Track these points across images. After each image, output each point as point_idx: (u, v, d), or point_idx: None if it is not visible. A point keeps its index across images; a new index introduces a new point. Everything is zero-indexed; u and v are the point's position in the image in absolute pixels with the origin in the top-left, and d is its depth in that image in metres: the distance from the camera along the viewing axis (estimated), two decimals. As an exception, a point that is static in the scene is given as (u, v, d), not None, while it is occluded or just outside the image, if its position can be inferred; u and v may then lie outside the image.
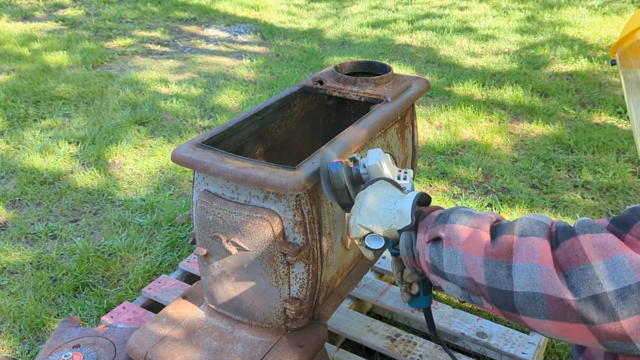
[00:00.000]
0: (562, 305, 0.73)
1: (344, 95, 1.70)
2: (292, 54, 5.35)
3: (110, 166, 3.34)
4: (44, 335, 2.14)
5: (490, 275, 0.81)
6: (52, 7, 6.86)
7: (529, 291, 0.76)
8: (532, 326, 0.79)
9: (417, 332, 2.07)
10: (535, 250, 0.77)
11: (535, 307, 0.76)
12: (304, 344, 1.40)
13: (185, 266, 2.30)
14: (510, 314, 0.81)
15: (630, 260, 0.70)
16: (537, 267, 0.75)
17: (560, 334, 0.76)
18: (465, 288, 0.87)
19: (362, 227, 1.07)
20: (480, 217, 0.89)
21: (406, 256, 1.01)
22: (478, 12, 6.51)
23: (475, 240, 0.84)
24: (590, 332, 0.72)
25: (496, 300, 0.81)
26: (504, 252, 0.80)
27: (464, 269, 0.85)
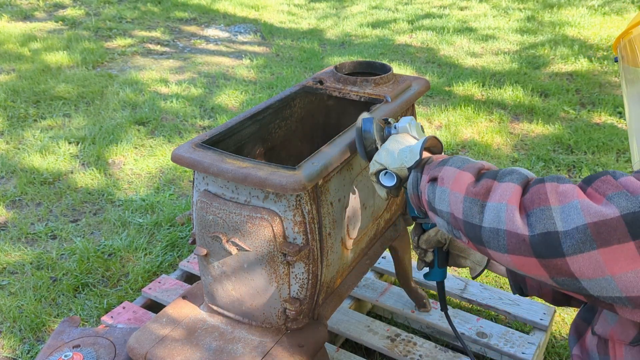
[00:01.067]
0: (519, 240, 0.81)
1: (344, 95, 1.70)
2: (292, 54, 5.35)
3: (110, 166, 3.34)
4: (44, 335, 2.14)
5: (466, 210, 0.90)
6: (52, 7, 6.86)
7: (494, 227, 0.84)
8: (496, 259, 0.87)
9: (417, 332, 2.07)
10: (507, 193, 0.85)
11: (498, 241, 0.84)
12: (304, 344, 1.40)
13: (185, 266, 2.30)
14: (480, 247, 0.89)
15: (582, 205, 0.76)
16: (505, 207, 0.84)
17: (519, 268, 0.83)
18: (449, 223, 0.96)
19: (378, 163, 1.20)
20: (473, 163, 0.97)
21: (412, 195, 1.10)
22: (478, 12, 6.51)
23: (461, 181, 0.94)
24: (541, 266, 0.79)
25: (469, 234, 0.90)
26: (482, 192, 0.89)
27: (448, 205, 0.94)
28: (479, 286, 2.16)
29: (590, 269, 0.75)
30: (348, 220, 1.47)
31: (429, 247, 1.29)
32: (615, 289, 0.75)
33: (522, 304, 2.05)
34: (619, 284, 0.74)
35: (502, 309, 2.04)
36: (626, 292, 0.74)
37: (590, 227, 0.74)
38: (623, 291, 0.75)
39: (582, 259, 0.75)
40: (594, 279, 0.75)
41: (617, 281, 0.74)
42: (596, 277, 0.75)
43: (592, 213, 0.75)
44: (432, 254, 1.31)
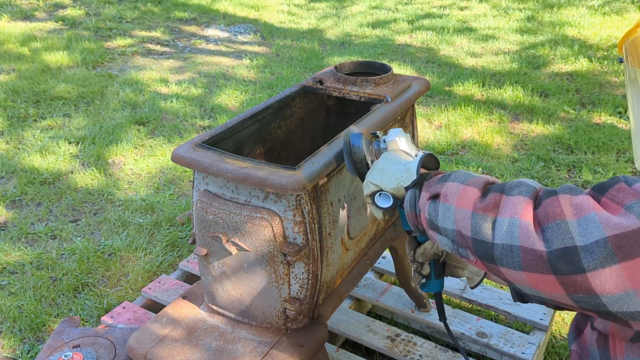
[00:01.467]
0: (535, 256, 0.77)
1: (344, 95, 1.70)
2: (292, 54, 5.35)
3: (110, 166, 3.34)
4: (44, 335, 2.14)
5: (475, 227, 0.86)
6: (52, 7, 6.86)
7: (507, 243, 0.81)
8: (509, 277, 0.83)
9: (417, 332, 2.07)
10: (519, 207, 0.82)
11: (512, 258, 0.80)
12: (304, 344, 1.40)
13: (185, 266, 2.30)
14: (490, 266, 0.85)
15: (600, 218, 0.74)
16: (517, 221, 0.80)
17: (533, 286, 0.80)
18: (455, 241, 0.92)
19: (373, 184, 1.15)
20: (477, 178, 0.94)
21: (409, 213, 1.06)
22: (478, 12, 6.51)
23: (467, 197, 0.90)
24: (558, 283, 0.76)
25: (479, 252, 0.86)
26: (490, 207, 0.86)
27: (454, 223, 0.90)
28: (479, 286, 2.16)
29: (612, 284, 0.73)
30: (348, 220, 1.47)
31: (425, 260, 1.25)
32: (637, 303, 0.72)
33: (522, 304, 2.05)
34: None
35: (502, 309, 2.04)
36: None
37: (611, 241, 0.72)
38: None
39: (604, 274, 0.72)
40: (616, 294, 0.73)
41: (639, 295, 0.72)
42: (618, 293, 0.73)
43: (611, 225, 0.73)
44: (428, 266, 1.28)
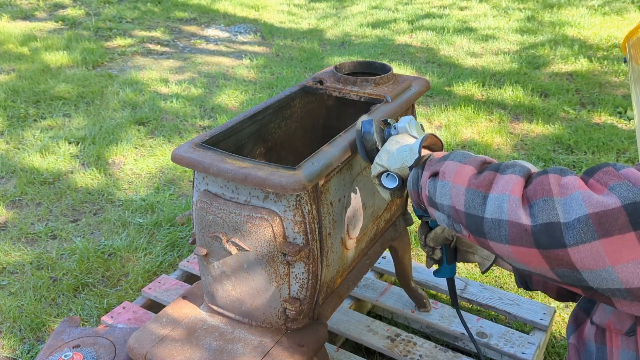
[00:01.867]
0: (520, 230, 0.80)
1: (344, 95, 1.70)
2: (292, 54, 5.35)
3: (110, 166, 3.34)
4: (44, 335, 2.14)
5: (468, 202, 0.90)
6: (52, 7, 6.86)
7: (496, 217, 0.84)
8: (497, 250, 0.86)
9: (417, 332, 2.07)
10: (510, 184, 0.85)
11: (499, 232, 0.84)
12: (304, 344, 1.40)
13: (185, 266, 2.30)
14: (480, 239, 0.89)
15: (584, 196, 0.77)
16: (507, 197, 0.84)
17: (519, 259, 0.83)
18: (450, 216, 0.95)
19: (379, 165, 1.20)
20: (475, 157, 0.98)
21: (412, 191, 1.10)
22: (478, 12, 6.51)
23: (463, 174, 0.94)
24: (542, 257, 0.79)
25: (470, 226, 0.90)
26: (484, 184, 0.89)
27: (450, 198, 0.94)
28: (479, 286, 2.16)
29: (591, 259, 0.75)
30: (348, 220, 1.47)
31: (436, 244, 1.30)
32: (616, 280, 0.75)
33: (522, 304, 2.05)
34: (619, 275, 0.74)
35: (502, 309, 2.04)
36: (626, 284, 0.74)
37: (592, 218, 0.74)
38: (623, 282, 0.74)
39: (584, 249, 0.75)
40: (595, 270, 0.75)
41: (618, 272, 0.74)
42: (597, 269, 0.75)
43: (593, 203, 0.75)
44: (440, 251, 1.32)
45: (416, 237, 2.63)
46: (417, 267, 2.26)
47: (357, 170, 1.47)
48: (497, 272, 2.40)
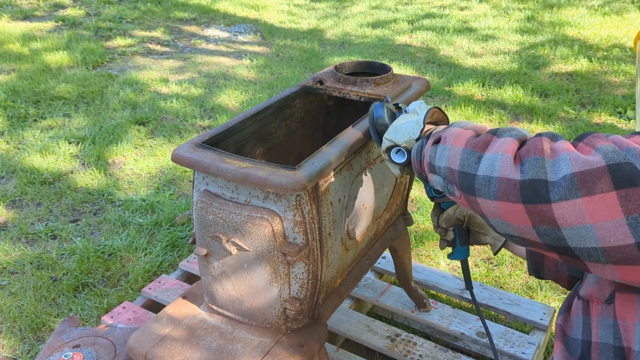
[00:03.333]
0: (509, 185, 0.83)
1: (344, 95, 1.71)
2: (292, 54, 5.35)
3: (110, 166, 3.34)
4: (44, 335, 2.14)
5: (463, 161, 0.92)
6: (52, 7, 6.86)
7: (487, 175, 0.87)
8: (484, 208, 0.88)
9: (417, 332, 2.07)
10: (505, 145, 0.88)
11: (488, 188, 0.86)
12: (304, 344, 1.40)
13: (185, 266, 2.30)
14: (470, 197, 0.91)
15: (571, 156, 0.79)
16: (500, 156, 0.86)
17: (504, 215, 0.85)
18: (446, 177, 0.97)
19: (387, 140, 1.21)
20: (477, 125, 1.01)
21: (415, 160, 1.11)
22: (478, 12, 6.51)
23: (462, 137, 0.96)
24: (526, 213, 0.81)
25: (462, 184, 0.92)
26: (480, 145, 0.91)
27: (447, 160, 0.96)
28: (479, 286, 2.16)
29: (572, 216, 0.77)
30: (348, 220, 1.47)
31: (448, 225, 1.33)
32: (593, 238, 0.76)
33: (522, 304, 2.05)
34: (597, 233, 0.76)
35: (502, 309, 2.04)
36: (602, 242, 0.76)
37: (577, 176, 0.77)
38: (600, 241, 0.76)
39: (567, 205, 0.77)
40: (575, 227, 0.77)
41: (596, 230, 0.76)
42: (577, 225, 0.77)
43: (579, 163, 0.78)
44: (452, 232, 1.35)
45: (416, 237, 2.64)
46: (417, 267, 2.26)
47: (356, 170, 1.47)
48: (497, 272, 2.40)
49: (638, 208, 0.73)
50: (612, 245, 0.75)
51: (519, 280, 2.35)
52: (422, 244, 2.61)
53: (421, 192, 3.04)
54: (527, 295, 2.27)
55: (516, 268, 2.43)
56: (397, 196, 1.76)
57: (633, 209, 0.73)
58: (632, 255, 0.75)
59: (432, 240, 2.63)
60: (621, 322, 0.87)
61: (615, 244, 0.75)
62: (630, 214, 0.74)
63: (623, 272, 0.78)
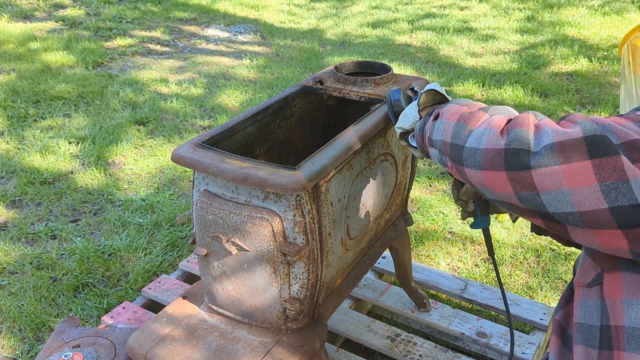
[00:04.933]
0: (494, 154, 0.90)
1: (344, 95, 1.71)
2: (292, 54, 5.35)
3: (110, 166, 3.34)
4: (44, 335, 2.14)
5: (454, 134, 1.00)
6: (52, 7, 6.86)
7: (474, 147, 0.94)
8: (469, 177, 0.96)
9: (417, 332, 2.07)
10: (494, 121, 0.95)
11: (474, 159, 0.93)
12: (304, 344, 1.40)
13: (185, 266, 2.30)
14: (459, 167, 0.99)
15: (552, 129, 0.86)
16: (488, 130, 0.93)
17: (488, 184, 0.92)
18: (440, 150, 1.05)
19: (398, 128, 1.30)
20: (473, 102, 1.08)
21: (417, 136, 1.20)
22: (478, 12, 6.51)
23: (457, 113, 1.04)
24: (508, 180, 0.88)
25: (452, 155, 1.00)
26: (472, 120, 1.00)
27: (442, 134, 1.04)
28: (479, 286, 2.16)
29: (550, 181, 0.83)
30: (348, 220, 1.47)
31: (468, 198, 1.40)
32: (570, 203, 0.82)
33: (522, 304, 2.05)
34: (573, 198, 0.82)
35: (502, 309, 2.04)
36: (578, 207, 0.82)
37: (557, 145, 0.83)
38: (576, 205, 0.82)
39: (545, 172, 0.83)
40: (553, 192, 0.83)
41: (572, 195, 0.82)
42: (555, 190, 0.83)
43: (559, 134, 0.84)
44: (472, 204, 1.43)
45: (416, 237, 2.64)
46: (417, 267, 2.26)
47: (357, 170, 1.47)
48: (497, 272, 2.40)
49: (610, 176, 0.79)
50: (587, 210, 0.81)
51: (519, 280, 2.35)
52: (422, 244, 2.61)
53: (421, 192, 3.04)
54: (527, 295, 2.27)
55: (516, 268, 2.43)
56: (397, 196, 1.76)
57: (606, 177, 0.79)
58: (605, 220, 0.80)
59: (432, 240, 2.63)
60: (609, 301, 0.90)
61: (590, 208, 0.81)
62: (604, 182, 0.79)
63: (601, 237, 0.83)
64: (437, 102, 1.31)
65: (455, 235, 2.66)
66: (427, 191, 3.06)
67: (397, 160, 1.70)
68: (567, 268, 2.42)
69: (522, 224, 2.71)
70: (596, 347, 0.91)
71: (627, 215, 0.79)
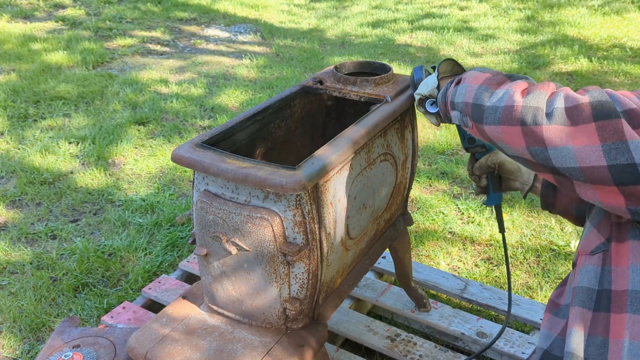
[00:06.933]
0: (512, 110, 0.98)
1: (344, 95, 1.70)
2: (292, 54, 5.35)
3: (110, 166, 3.34)
4: (44, 335, 2.14)
5: (477, 95, 1.08)
6: (52, 7, 6.86)
7: (495, 105, 1.02)
8: (489, 133, 1.04)
9: (417, 332, 2.07)
10: (516, 84, 1.03)
11: (494, 116, 1.02)
12: (304, 344, 1.40)
13: (185, 266, 2.30)
14: (479, 126, 1.07)
15: (565, 94, 0.95)
16: (509, 91, 1.01)
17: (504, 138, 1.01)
18: (462, 111, 1.13)
19: (416, 94, 1.40)
20: (495, 71, 1.14)
21: (441, 102, 1.27)
22: (478, 12, 6.51)
23: (480, 77, 1.12)
24: (522, 135, 0.97)
25: (474, 114, 1.08)
26: (494, 84, 1.07)
27: (464, 96, 1.12)
28: (479, 286, 2.16)
29: (558, 138, 0.92)
30: (348, 220, 1.47)
31: (481, 173, 1.51)
32: (573, 158, 0.91)
33: (522, 304, 2.05)
34: (576, 154, 0.90)
35: (502, 309, 2.04)
36: (580, 162, 0.90)
37: (566, 109, 0.92)
38: (578, 161, 0.90)
39: (554, 129, 0.92)
40: (559, 147, 0.92)
41: (576, 152, 0.90)
42: (560, 146, 0.92)
43: (570, 99, 0.93)
44: (485, 179, 1.52)
45: (416, 237, 2.64)
46: (417, 267, 2.26)
47: (357, 170, 1.47)
48: (497, 272, 2.40)
49: (611, 137, 0.87)
50: (588, 166, 0.89)
51: (519, 280, 2.35)
52: (422, 244, 2.61)
53: (421, 192, 3.04)
54: (527, 295, 2.27)
55: (516, 268, 2.43)
56: (397, 196, 1.76)
57: (607, 137, 0.87)
58: (604, 176, 0.88)
59: (432, 240, 2.63)
60: (615, 268, 0.97)
61: (590, 164, 0.89)
62: (605, 142, 0.87)
63: (601, 193, 0.92)
64: (455, 73, 1.38)
65: (455, 235, 2.66)
66: (427, 191, 3.06)
67: (397, 160, 1.70)
68: (567, 268, 2.41)
69: (522, 224, 2.71)
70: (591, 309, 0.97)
71: (623, 173, 0.86)
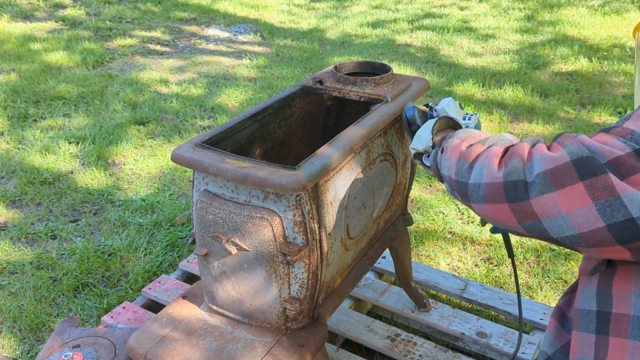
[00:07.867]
0: (494, 188, 0.93)
1: (344, 95, 1.70)
2: (292, 54, 5.35)
3: (110, 166, 3.34)
4: (44, 335, 2.14)
5: (458, 171, 1.04)
6: (52, 7, 6.86)
7: (477, 182, 0.97)
8: (477, 211, 0.99)
9: (417, 332, 2.07)
10: (492, 154, 0.98)
11: (478, 194, 0.97)
12: (304, 344, 1.40)
13: (185, 266, 2.30)
14: (467, 203, 1.02)
15: (543, 157, 0.89)
16: (487, 164, 0.97)
17: (494, 216, 0.95)
18: (449, 184, 1.09)
19: (411, 149, 1.36)
20: (473, 134, 1.11)
21: (433, 166, 1.25)
22: (478, 12, 6.51)
23: (458, 149, 1.08)
24: (511, 211, 0.91)
25: (459, 191, 1.03)
26: (471, 155, 1.03)
27: (448, 169, 1.09)
28: (479, 286, 2.16)
29: (549, 208, 0.86)
30: (348, 220, 1.47)
31: None
32: (570, 226, 0.85)
33: (522, 304, 2.05)
34: (572, 221, 0.85)
35: (502, 309, 2.04)
36: (578, 229, 0.84)
37: (548, 173, 0.86)
38: (576, 227, 0.85)
39: (543, 200, 0.86)
40: (553, 217, 0.86)
41: (571, 218, 0.84)
42: (554, 216, 0.86)
43: (549, 161, 0.87)
44: None
45: (416, 237, 2.63)
46: (417, 267, 2.26)
47: (357, 170, 1.47)
48: (497, 272, 2.40)
49: (602, 194, 0.82)
50: (587, 230, 0.84)
51: (519, 280, 2.35)
52: (422, 244, 2.61)
53: (421, 192, 3.04)
54: (527, 295, 2.27)
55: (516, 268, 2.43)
56: (397, 196, 1.76)
57: (599, 195, 0.82)
58: (605, 237, 0.83)
59: (432, 240, 2.63)
60: (617, 291, 0.93)
61: (589, 228, 0.83)
62: (598, 200, 0.82)
63: (605, 253, 0.87)
64: (450, 126, 1.35)
65: (455, 235, 2.66)
66: (427, 191, 3.06)
67: (397, 160, 1.70)
68: (567, 268, 2.42)
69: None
70: (593, 332, 0.94)
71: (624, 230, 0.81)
